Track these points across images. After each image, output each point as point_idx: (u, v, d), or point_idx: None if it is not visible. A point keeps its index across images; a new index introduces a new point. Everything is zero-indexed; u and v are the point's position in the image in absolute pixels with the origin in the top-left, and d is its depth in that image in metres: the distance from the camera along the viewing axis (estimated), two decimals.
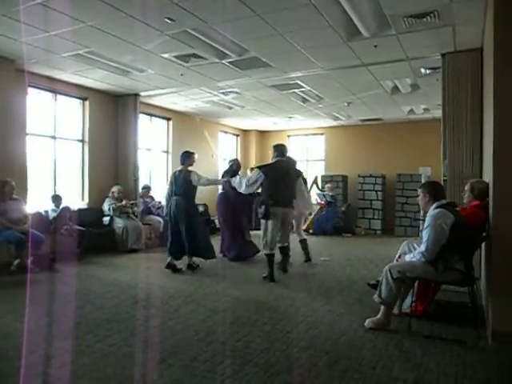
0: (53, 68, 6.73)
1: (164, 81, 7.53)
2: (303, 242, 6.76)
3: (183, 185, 5.92)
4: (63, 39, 5.40)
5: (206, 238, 6.10)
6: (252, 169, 7.45)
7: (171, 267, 5.89)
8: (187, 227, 5.84)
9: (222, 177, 7.03)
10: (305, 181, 10.90)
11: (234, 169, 7.08)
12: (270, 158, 6.21)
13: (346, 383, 2.61)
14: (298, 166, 6.98)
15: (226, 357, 3.00)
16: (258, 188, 5.59)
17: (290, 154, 7.11)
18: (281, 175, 5.49)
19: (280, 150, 5.75)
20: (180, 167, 6.07)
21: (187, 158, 6.07)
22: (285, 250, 5.83)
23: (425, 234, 3.43)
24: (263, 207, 5.30)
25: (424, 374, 2.74)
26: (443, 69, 5.80)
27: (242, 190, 5.54)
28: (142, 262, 6.66)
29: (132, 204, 8.05)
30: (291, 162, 6.39)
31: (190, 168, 6.07)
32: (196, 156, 6.21)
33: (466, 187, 4.07)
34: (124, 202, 7.85)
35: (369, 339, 3.36)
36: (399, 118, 10.97)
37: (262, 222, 5.45)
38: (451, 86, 5.67)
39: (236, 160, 7.44)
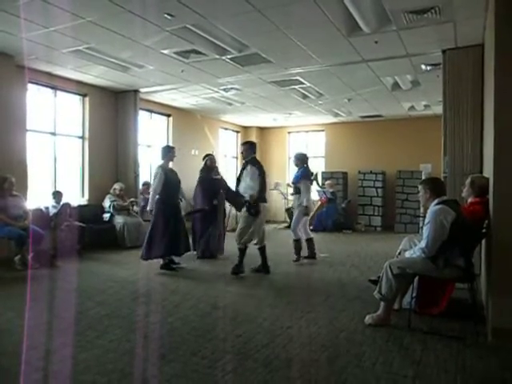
0: (52, 64, 6.71)
1: (164, 77, 7.52)
2: (310, 241, 6.62)
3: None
4: (63, 35, 5.39)
5: None
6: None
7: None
8: None
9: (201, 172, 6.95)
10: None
11: (207, 164, 6.92)
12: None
13: (346, 379, 2.61)
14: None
15: (225, 353, 3.01)
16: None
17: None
18: (264, 171, 5.69)
19: (254, 146, 5.82)
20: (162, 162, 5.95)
21: (168, 152, 6.00)
22: (264, 249, 5.67)
23: (425, 231, 3.42)
24: (247, 203, 5.35)
25: (424, 370, 2.74)
26: (444, 65, 5.79)
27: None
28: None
29: (132, 202, 8.04)
30: None
31: (170, 163, 6.07)
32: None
33: (467, 181, 4.07)
34: (127, 203, 7.87)
35: (369, 335, 3.36)
36: (400, 115, 10.96)
37: (248, 217, 5.39)
38: (452, 83, 5.65)
39: (210, 155, 7.11)
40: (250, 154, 5.67)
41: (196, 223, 6.88)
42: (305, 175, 6.47)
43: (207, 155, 7.13)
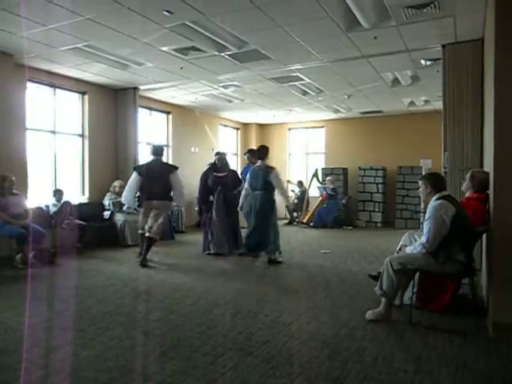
0: (51, 62, 6.70)
1: (163, 74, 7.51)
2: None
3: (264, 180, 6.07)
4: (61, 33, 5.38)
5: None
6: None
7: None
8: (263, 221, 6.01)
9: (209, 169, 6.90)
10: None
11: (225, 162, 6.94)
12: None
13: (348, 374, 2.62)
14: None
15: (227, 349, 3.01)
16: None
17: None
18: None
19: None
20: (259, 163, 6.24)
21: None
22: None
23: (426, 226, 3.42)
24: None
25: (425, 365, 2.74)
26: (444, 60, 5.77)
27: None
28: None
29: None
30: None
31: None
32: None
33: (467, 175, 4.07)
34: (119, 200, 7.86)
35: (370, 331, 3.37)
36: (400, 110, 10.94)
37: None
38: (452, 78, 5.64)
39: (219, 154, 7.14)
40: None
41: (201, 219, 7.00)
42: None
43: (217, 153, 7.21)
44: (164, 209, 6.16)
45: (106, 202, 7.83)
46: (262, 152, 6.34)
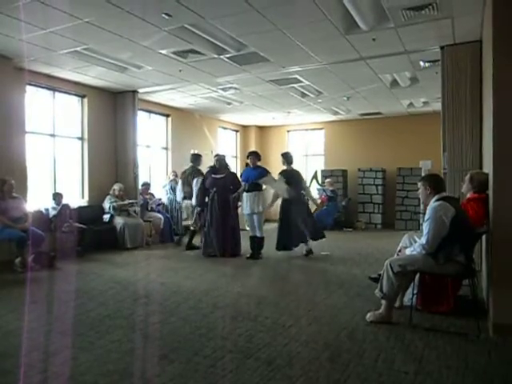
0: (51, 65, 6.71)
1: (162, 77, 7.51)
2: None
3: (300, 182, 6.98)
4: (60, 36, 5.38)
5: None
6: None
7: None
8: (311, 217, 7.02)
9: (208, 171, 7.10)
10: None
11: (224, 164, 7.00)
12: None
13: (348, 377, 2.61)
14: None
15: (227, 352, 3.01)
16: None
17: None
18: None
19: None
20: (288, 167, 7.03)
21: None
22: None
23: (425, 227, 3.42)
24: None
25: (425, 366, 2.74)
26: (442, 61, 5.77)
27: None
28: (143, 259, 6.67)
29: (132, 203, 8.04)
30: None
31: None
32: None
33: (466, 177, 4.08)
34: (126, 202, 7.86)
35: (370, 332, 3.36)
36: (399, 112, 10.95)
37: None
38: (450, 79, 5.64)
39: (217, 155, 7.39)
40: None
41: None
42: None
43: (216, 155, 7.54)
44: (187, 207, 7.76)
45: (106, 205, 7.81)
46: (292, 157, 7.15)
